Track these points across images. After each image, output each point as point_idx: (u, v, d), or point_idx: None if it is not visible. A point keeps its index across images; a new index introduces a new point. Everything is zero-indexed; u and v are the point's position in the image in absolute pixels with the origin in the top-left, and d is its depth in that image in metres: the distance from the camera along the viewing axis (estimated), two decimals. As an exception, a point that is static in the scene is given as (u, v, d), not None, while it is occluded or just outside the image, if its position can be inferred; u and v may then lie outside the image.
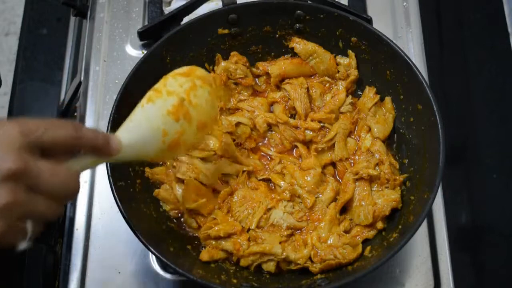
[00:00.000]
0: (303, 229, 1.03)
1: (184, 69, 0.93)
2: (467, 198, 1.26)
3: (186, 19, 1.23)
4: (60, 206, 0.71)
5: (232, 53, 1.15)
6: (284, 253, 0.98)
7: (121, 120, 1.01)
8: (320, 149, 1.08)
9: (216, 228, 1.00)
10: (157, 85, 0.89)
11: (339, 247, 0.98)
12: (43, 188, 0.68)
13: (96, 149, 0.76)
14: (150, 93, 0.88)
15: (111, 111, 1.00)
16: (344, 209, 1.05)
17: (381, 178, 1.04)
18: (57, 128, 0.71)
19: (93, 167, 0.79)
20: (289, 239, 1.02)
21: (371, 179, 1.04)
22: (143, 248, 0.91)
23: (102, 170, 1.14)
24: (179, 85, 0.91)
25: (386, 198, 1.01)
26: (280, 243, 0.99)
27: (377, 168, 1.05)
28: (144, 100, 0.87)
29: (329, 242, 0.99)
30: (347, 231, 1.02)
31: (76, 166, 0.74)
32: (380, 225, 1.01)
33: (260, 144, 1.12)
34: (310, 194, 1.04)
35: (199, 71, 0.94)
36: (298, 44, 1.14)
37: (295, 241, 1.01)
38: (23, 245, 0.69)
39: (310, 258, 0.99)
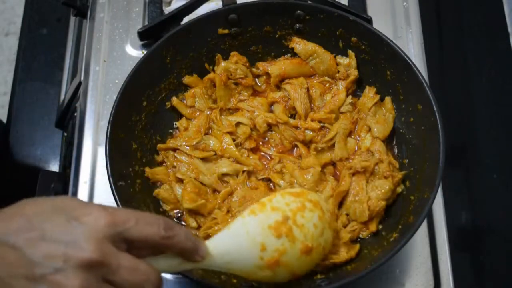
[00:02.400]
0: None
1: (296, 189, 0.92)
2: (467, 198, 1.26)
3: (186, 19, 1.23)
4: None
5: (232, 53, 1.15)
6: None
7: (121, 121, 1.02)
8: (319, 148, 1.08)
9: (216, 228, 1.00)
10: (263, 199, 0.87)
11: (336, 245, 0.99)
12: (119, 283, 0.65)
13: (183, 253, 0.73)
14: (253, 206, 0.86)
15: (111, 111, 1.00)
16: (341, 205, 1.05)
17: (379, 175, 1.03)
18: (147, 224, 0.68)
19: (177, 270, 0.75)
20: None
21: (365, 172, 1.04)
22: (143, 248, 0.91)
23: (102, 170, 1.14)
24: (286, 203, 0.88)
25: (379, 190, 1.01)
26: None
27: (376, 168, 1.05)
28: (246, 212, 0.85)
29: None
30: (344, 227, 1.02)
31: (160, 266, 0.71)
32: (373, 227, 1.01)
33: (260, 144, 1.12)
34: (310, 193, 1.04)
35: (311, 195, 0.92)
36: (298, 44, 1.14)
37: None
38: None
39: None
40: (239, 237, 0.83)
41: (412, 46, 1.26)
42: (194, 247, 0.74)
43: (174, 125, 1.13)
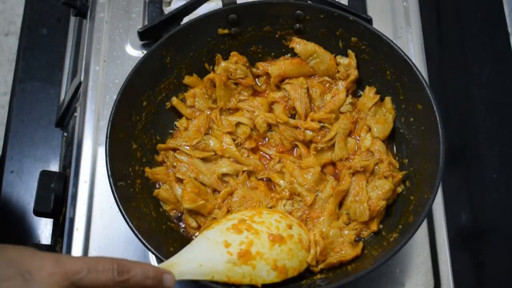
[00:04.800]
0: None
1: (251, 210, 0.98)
2: (467, 198, 1.26)
3: (186, 19, 1.23)
4: None
5: (232, 53, 1.15)
6: None
7: (121, 121, 1.02)
8: (319, 148, 1.08)
9: (216, 228, 1.00)
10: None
11: (341, 244, 0.99)
12: None
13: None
14: (210, 226, 0.92)
15: (111, 111, 1.00)
16: (341, 205, 1.05)
17: (379, 175, 1.03)
18: (99, 271, 0.70)
19: None
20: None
21: (365, 171, 1.04)
22: (143, 248, 0.91)
23: (102, 170, 1.14)
24: (241, 214, 0.95)
25: (380, 189, 1.01)
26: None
27: (377, 168, 1.05)
28: (204, 230, 0.91)
29: (330, 233, 1.00)
30: (346, 225, 1.02)
31: None
32: (374, 226, 1.01)
33: (260, 144, 1.12)
34: (310, 192, 1.04)
35: (267, 209, 0.98)
36: (298, 44, 1.14)
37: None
38: None
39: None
40: (201, 243, 0.87)
41: (412, 46, 1.26)
42: (155, 282, 0.75)
43: (174, 125, 1.13)
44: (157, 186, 1.07)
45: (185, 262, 0.83)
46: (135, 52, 1.27)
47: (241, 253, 0.86)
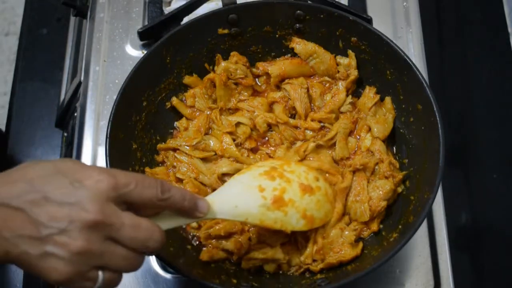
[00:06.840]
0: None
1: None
2: (467, 198, 1.26)
3: (186, 19, 1.23)
4: (138, 258, 0.72)
5: (232, 53, 1.15)
6: (287, 257, 0.99)
7: (121, 121, 1.02)
8: (318, 144, 1.08)
9: (217, 227, 1.00)
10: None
11: (341, 244, 0.99)
12: (123, 240, 0.69)
13: (181, 211, 0.77)
14: (240, 171, 0.93)
15: (111, 111, 1.00)
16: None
17: (380, 175, 1.04)
18: (146, 187, 0.72)
19: (179, 225, 0.81)
20: (291, 239, 1.01)
21: (365, 169, 1.04)
22: (143, 248, 0.91)
23: (102, 170, 1.14)
24: (270, 162, 0.96)
25: (381, 190, 1.01)
26: (282, 244, 0.99)
27: (377, 168, 1.05)
28: (235, 175, 0.92)
29: (331, 234, 1.00)
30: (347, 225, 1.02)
31: (159, 223, 0.75)
32: (375, 226, 1.01)
33: (260, 144, 1.12)
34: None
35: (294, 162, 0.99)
36: (298, 44, 1.14)
37: (298, 242, 1.01)
38: None
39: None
40: (236, 186, 0.88)
41: (412, 46, 1.26)
42: (191, 205, 0.78)
43: (174, 125, 1.13)
44: (157, 186, 1.07)
45: (221, 202, 0.84)
46: (135, 52, 1.27)
47: (275, 199, 0.88)
